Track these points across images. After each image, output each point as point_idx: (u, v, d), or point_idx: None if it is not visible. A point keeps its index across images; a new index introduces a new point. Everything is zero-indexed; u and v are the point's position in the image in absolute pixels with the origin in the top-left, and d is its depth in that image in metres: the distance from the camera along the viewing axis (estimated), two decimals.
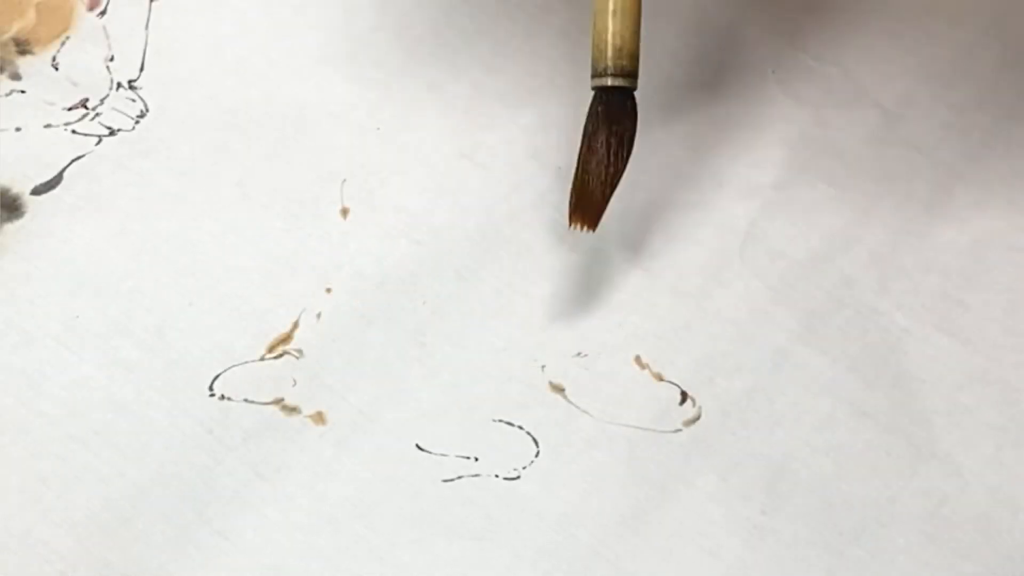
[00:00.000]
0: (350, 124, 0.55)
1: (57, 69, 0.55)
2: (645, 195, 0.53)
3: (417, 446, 0.48)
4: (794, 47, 0.57)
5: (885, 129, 0.55)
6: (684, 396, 0.50)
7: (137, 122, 0.54)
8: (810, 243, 0.53)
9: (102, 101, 0.54)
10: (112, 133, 0.54)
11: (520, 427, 0.49)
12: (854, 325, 0.51)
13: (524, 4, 0.55)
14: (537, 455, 0.48)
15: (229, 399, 0.49)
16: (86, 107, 0.54)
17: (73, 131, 0.54)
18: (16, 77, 0.55)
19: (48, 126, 0.54)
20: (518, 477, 0.48)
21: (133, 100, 0.55)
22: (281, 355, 0.50)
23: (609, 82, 0.49)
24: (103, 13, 0.56)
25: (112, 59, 0.55)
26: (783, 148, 0.55)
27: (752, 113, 0.55)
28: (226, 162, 0.53)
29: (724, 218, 0.53)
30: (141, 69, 0.55)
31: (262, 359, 0.50)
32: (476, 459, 0.48)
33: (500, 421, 0.49)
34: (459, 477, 0.48)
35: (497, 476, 0.48)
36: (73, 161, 0.53)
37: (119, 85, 0.55)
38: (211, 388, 0.49)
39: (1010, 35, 0.57)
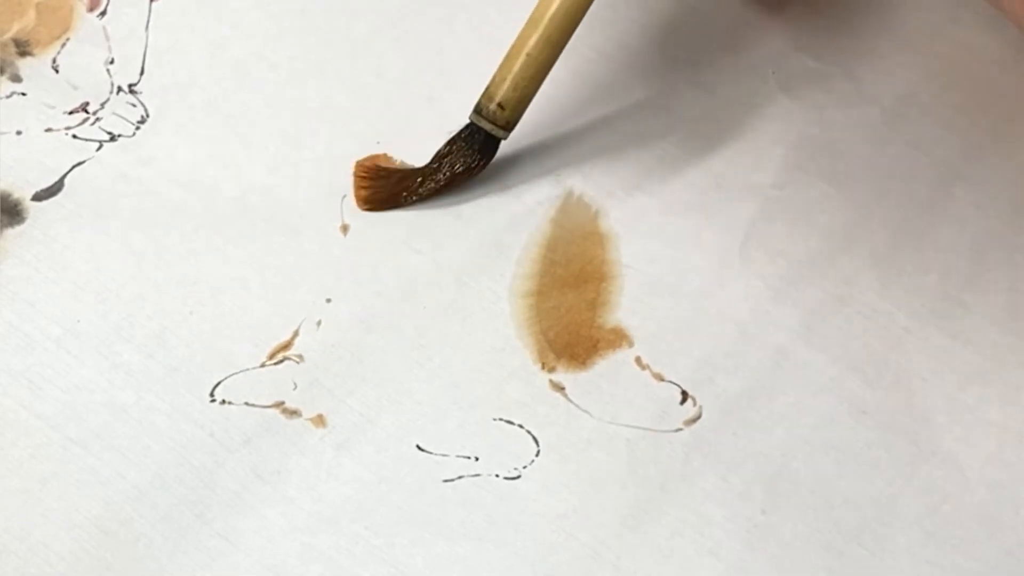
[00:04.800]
0: (350, 136, 0.55)
1: (57, 71, 0.55)
2: (644, 196, 0.53)
3: (417, 447, 0.48)
4: (794, 47, 0.57)
5: (885, 129, 0.55)
6: (684, 396, 0.50)
7: (137, 128, 0.54)
8: (810, 242, 0.53)
9: (102, 105, 0.55)
10: (113, 139, 0.54)
11: (520, 426, 0.49)
12: (854, 324, 0.51)
13: (523, 13, 0.55)
14: (537, 454, 0.48)
15: (230, 403, 0.49)
16: (86, 111, 0.54)
17: (74, 136, 0.54)
18: (16, 79, 0.55)
19: (49, 130, 0.54)
20: (518, 477, 0.48)
21: (133, 105, 0.55)
22: (281, 361, 0.50)
23: (487, 126, 0.52)
24: (103, 14, 0.57)
25: (112, 62, 0.56)
26: (783, 148, 0.55)
27: (752, 113, 0.55)
28: (226, 173, 0.54)
29: (724, 218, 0.53)
30: (141, 73, 0.55)
31: (262, 366, 0.50)
32: (476, 459, 0.48)
33: (500, 420, 0.49)
34: (459, 477, 0.48)
35: (497, 476, 0.48)
36: (74, 167, 0.53)
37: (119, 89, 0.55)
38: (212, 393, 0.49)
39: (1010, 34, 0.57)
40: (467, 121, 0.53)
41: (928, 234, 0.53)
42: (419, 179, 0.53)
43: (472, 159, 0.53)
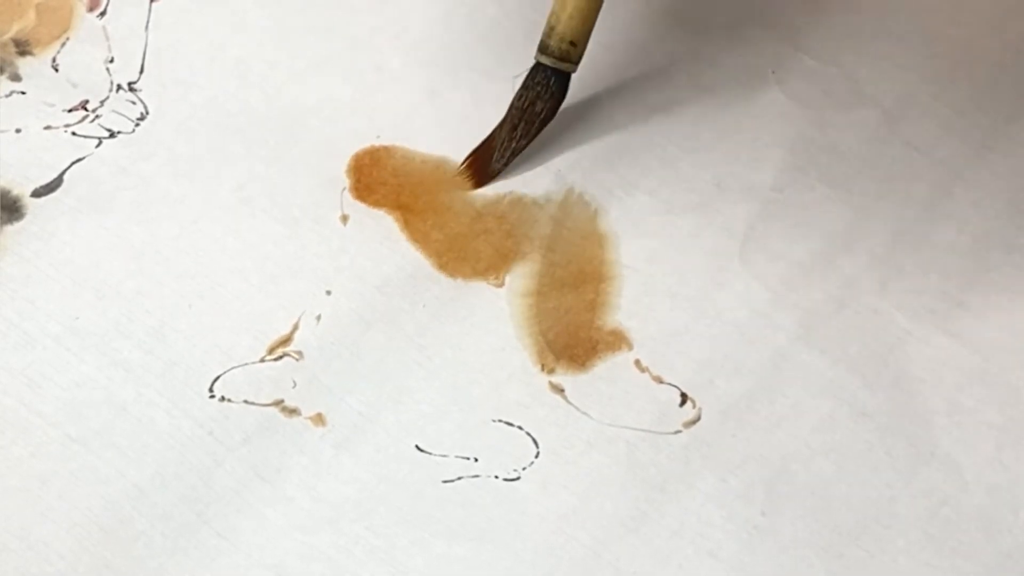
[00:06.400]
0: (349, 130, 0.55)
1: (57, 70, 0.55)
2: (644, 196, 0.53)
3: (417, 447, 0.48)
4: (794, 47, 0.57)
5: (885, 129, 0.55)
6: (684, 398, 0.50)
7: (137, 124, 0.54)
8: (809, 244, 0.53)
9: (102, 103, 0.55)
10: (112, 135, 0.54)
11: (520, 427, 0.49)
12: (854, 325, 0.51)
13: (522, 9, 0.55)
14: (537, 456, 0.48)
15: (229, 400, 0.49)
16: (86, 109, 0.54)
17: (73, 133, 0.54)
18: (16, 78, 0.55)
19: (48, 128, 0.54)
20: (518, 478, 0.48)
21: (133, 102, 0.55)
22: (281, 357, 0.50)
23: (549, 63, 0.52)
24: (103, 14, 0.57)
25: (112, 60, 0.56)
26: (782, 148, 0.55)
27: (752, 113, 0.55)
28: (226, 165, 0.54)
29: (723, 220, 0.53)
30: (141, 71, 0.55)
31: (262, 361, 0.50)
32: (476, 460, 0.48)
33: (500, 421, 0.49)
34: (459, 478, 0.48)
35: (497, 477, 0.48)
36: (73, 163, 0.53)
37: (119, 87, 0.55)
38: (211, 390, 0.49)
39: (1010, 35, 0.57)
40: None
41: (928, 234, 0.53)
42: (504, 135, 0.53)
43: (550, 98, 0.53)
